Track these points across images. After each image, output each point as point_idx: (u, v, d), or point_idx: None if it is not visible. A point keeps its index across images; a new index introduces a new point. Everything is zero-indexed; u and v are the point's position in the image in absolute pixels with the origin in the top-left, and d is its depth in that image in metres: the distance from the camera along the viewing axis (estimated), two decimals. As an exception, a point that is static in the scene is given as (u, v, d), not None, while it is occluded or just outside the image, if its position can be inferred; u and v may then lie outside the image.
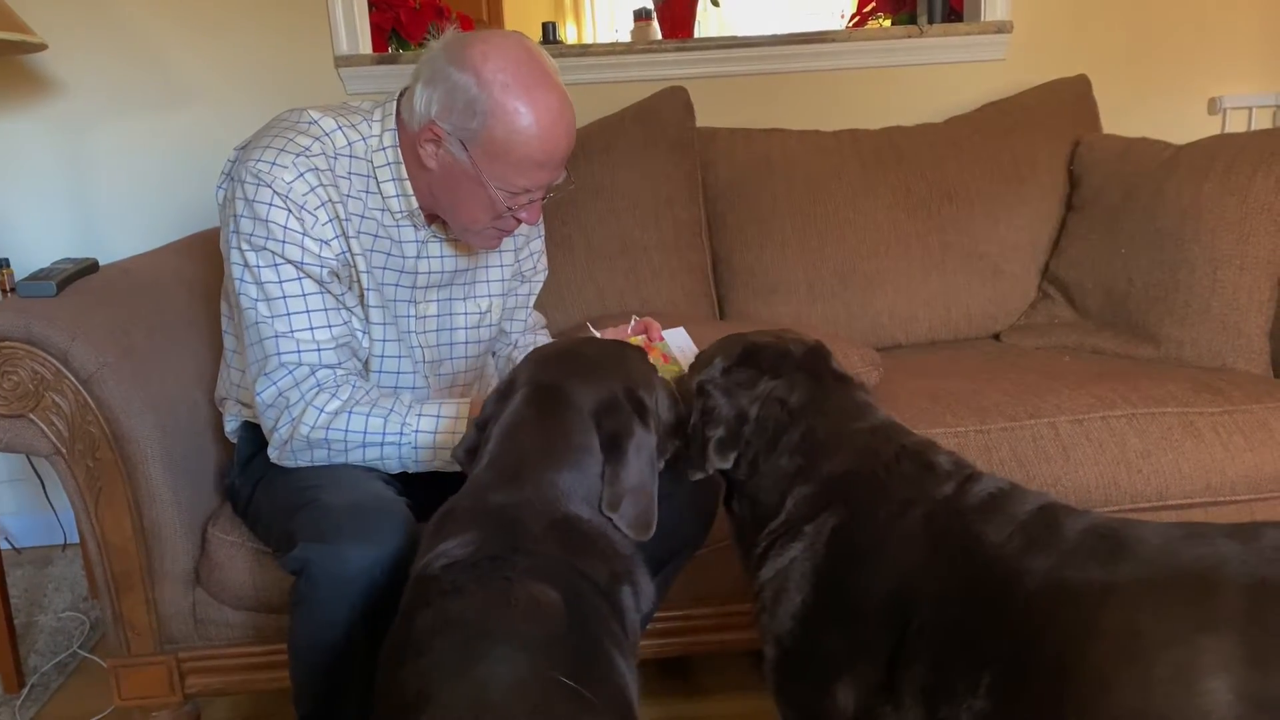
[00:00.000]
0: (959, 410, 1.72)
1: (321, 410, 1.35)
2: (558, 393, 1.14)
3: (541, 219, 1.69)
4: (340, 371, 1.39)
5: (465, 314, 1.57)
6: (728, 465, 1.24)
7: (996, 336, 2.29)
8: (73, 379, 1.46)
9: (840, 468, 1.17)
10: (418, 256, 1.48)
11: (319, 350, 1.37)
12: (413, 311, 1.51)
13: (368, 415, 1.36)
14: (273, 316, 1.36)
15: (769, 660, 1.17)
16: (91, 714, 1.85)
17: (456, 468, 1.38)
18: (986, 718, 0.97)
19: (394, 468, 1.40)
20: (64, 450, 1.49)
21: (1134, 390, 1.75)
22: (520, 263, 1.66)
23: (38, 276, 1.56)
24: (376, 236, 1.43)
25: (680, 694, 1.88)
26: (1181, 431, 1.69)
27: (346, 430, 1.36)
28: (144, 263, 1.85)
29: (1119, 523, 1.05)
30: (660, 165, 2.24)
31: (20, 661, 1.99)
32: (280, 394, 1.36)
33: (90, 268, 1.67)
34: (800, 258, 2.24)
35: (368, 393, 1.39)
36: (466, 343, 1.59)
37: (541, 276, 1.75)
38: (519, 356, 1.69)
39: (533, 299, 1.75)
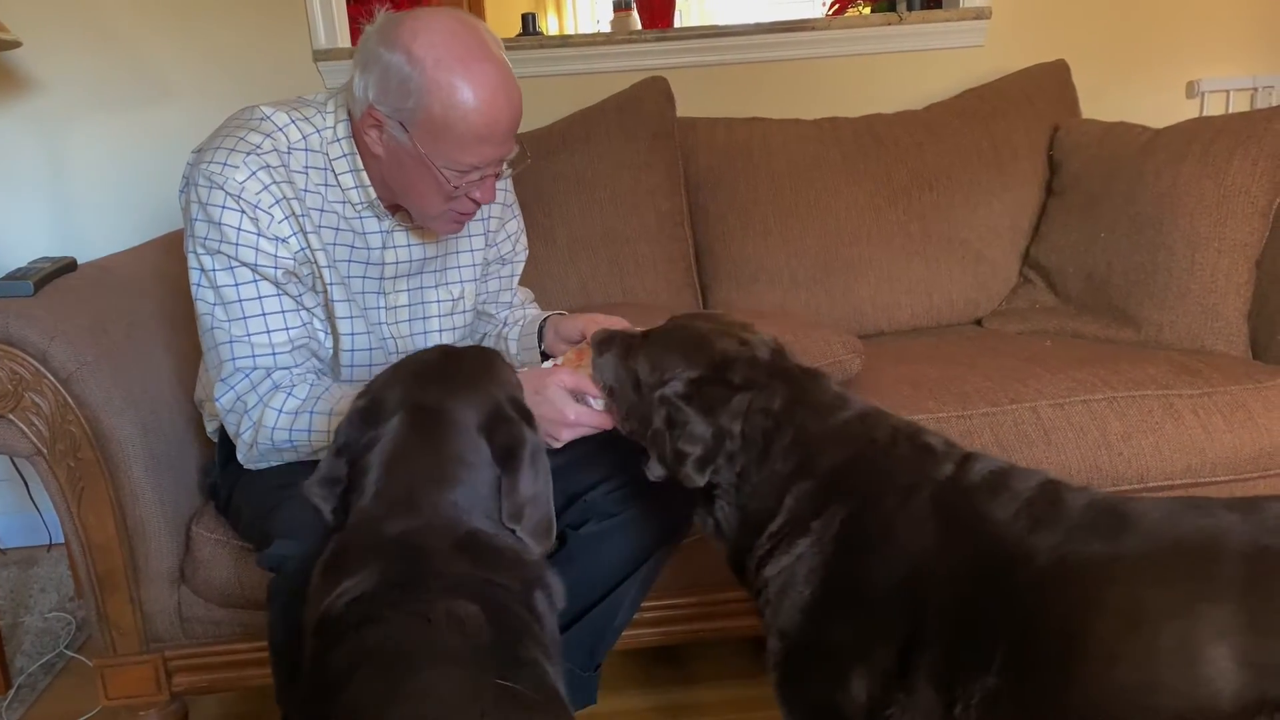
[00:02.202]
0: (941, 396, 1.73)
1: (280, 411, 1.34)
2: (440, 414, 1.09)
3: (516, 200, 1.68)
4: (296, 371, 1.37)
5: (438, 301, 1.56)
6: (704, 481, 1.20)
7: (978, 322, 2.30)
8: (52, 379, 1.45)
9: (840, 458, 1.16)
10: (383, 247, 1.46)
11: (274, 354, 1.36)
12: (383, 303, 1.49)
13: (329, 415, 1.34)
14: (229, 321, 1.35)
15: (774, 654, 1.16)
16: (78, 714, 1.84)
17: None
18: (999, 695, 0.98)
19: None
20: (45, 450, 1.48)
21: (1114, 374, 1.76)
22: (498, 245, 1.64)
23: (15, 276, 1.55)
24: (338, 230, 1.42)
25: (671, 682, 1.89)
26: (1162, 414, 1.70)
27: (310, 430, 1.34)
28: (123, 261, 1.84)
29: (1119, 499, 1.06)
30: (641, 155, 2.23)
31: (7, 663, 1.98)
32: (238, 398, 1.36)
33: (68, 266, 1.66)
34: (782, 246, 2.24)
35: (327, 389, 1.37)
36: (441, 330, 1.57)
37: (522, 256, 1.73)
38: (510, 333, 1.67)
39: (515, 280, 1.73)
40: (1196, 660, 0.91)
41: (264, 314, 1.35)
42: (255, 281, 1.34)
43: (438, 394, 1.10)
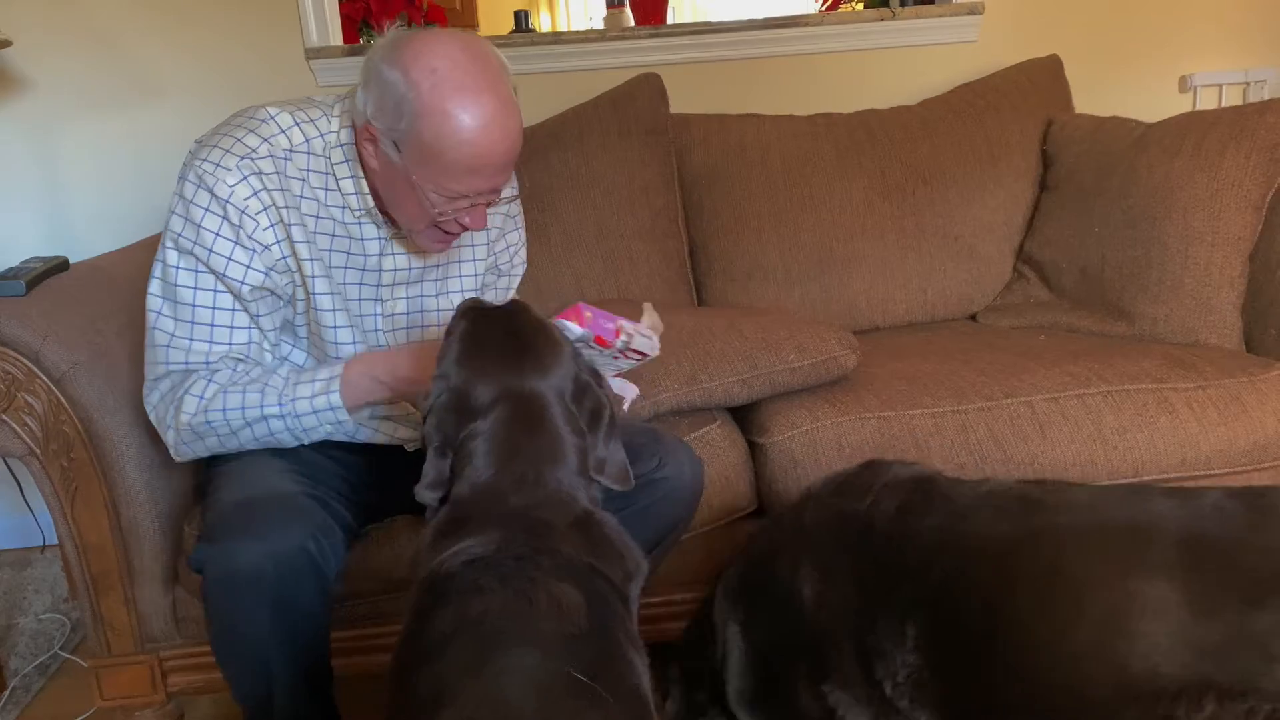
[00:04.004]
0: (936, 391, 1.73)
1: (200, 397, 1.34)
2: (539, 398, 1.13)
3: (521, 212, 1.67)
4: (221, 365, 1.38)
5: (438, 311, 1.54)
6: None
7: (973, 317, 2.30)
8: (45, 378, 1.45)
9: None
10: (381, 254, 1.45)
11: (207, 363, 1.37)
12: (379, 310, 1.48)
13: (244, 391, 1.34)
14: (175, 321, 1.35)
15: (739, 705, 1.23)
16: (74, 715, 1.83)
17: (342, 436, 1.40)
18: (919, 669, 1.02)
19: (289, 442, 1.39)
20: (38, 451, 1.47)
21: (1109, 368, 1.76)
22: (496, 255, 1.63)
23: (7, 275, 1.54)
24: (334, 236, 1.40)
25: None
26: (1156, 408, 1.70)
27: (225, 410, 1.34)
28: (115, 260, 1.83)
29: (1037, 485, 1.12)
30: (635, 152, 2.23)
31: (1, 664, 1.97)
32: (167, 391, 1.37)
33: (60, 266, 1.65)
34: (776, 243, 2.24)
35: (247, 372, 1.37)
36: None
37: (520, 270, 1.72)
38: None
39: (510, 293, 1.72)
40: (1127, 633, 0.92)
41: (212, 324, 1.35)
42: (215, 291, 1.34)
43: (531, 379, 1.14)
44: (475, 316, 1.21)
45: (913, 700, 1.03)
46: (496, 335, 1.19)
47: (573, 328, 1.32)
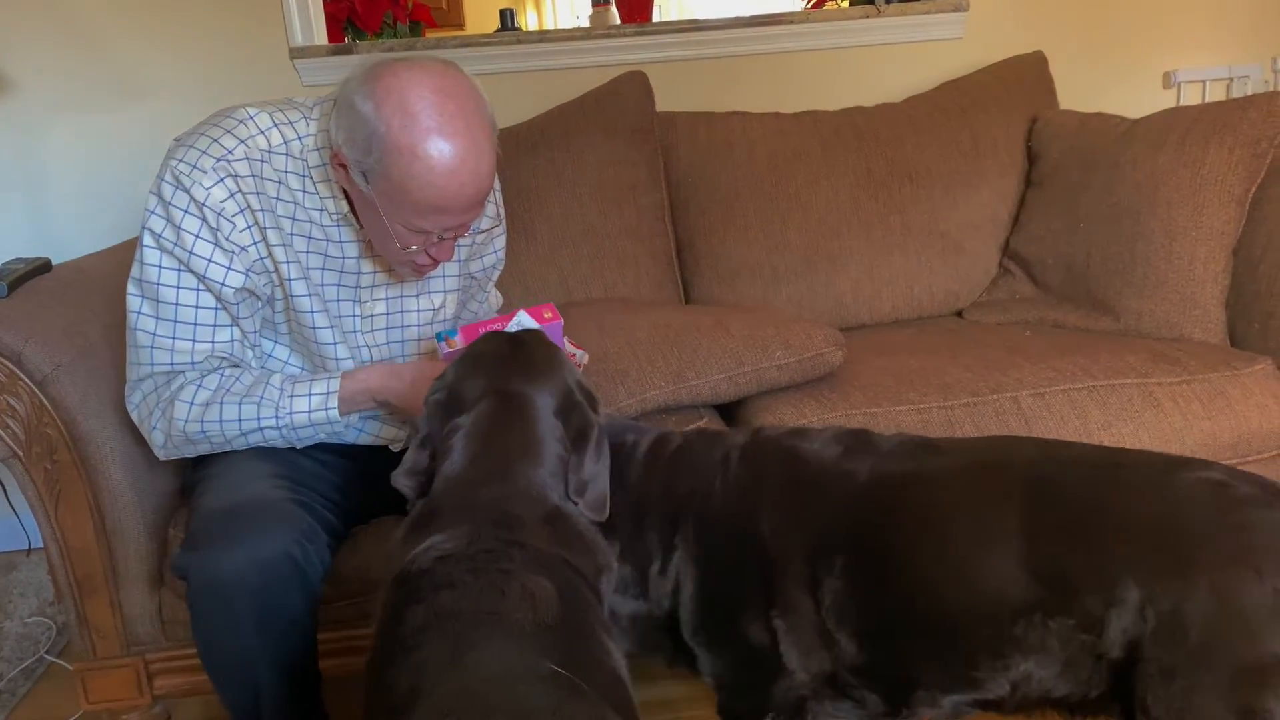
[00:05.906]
0: (923, 387, 1.74)
1: (190, 403, 1.35)
2: (524, 398, 1.16)
3: (504, 215, 1.67)
4: (207, 367, 1.38)
5: (418, 311, 1.54)
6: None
7: (959, 314, 2.30)
8: (27, 381, 1.44)
9: (663, 479, 1.28)
10: (360, 257, 1.44)
11: (192, 363, 1.37)
12: (357, 311, 1.47)
13: (239, 403, 1.35)
14: (157, 319, 1.35)
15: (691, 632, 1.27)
16: (60, 719, 1.83)
17: (338, 426, 1.40)
18: (841, 593, 1.13)
19: (281, 445, 1.41)
20: (21, 453, 1.46)
21: (1094, 363, 1.77)
22: (483, 258, 1.64)
23: (-12, 277, 1.53)
24: (311, 238, 1.40)
25: (668, 676, 1.88)
26: (1141, 402, 1.71)
27: (221, 421, 1.35)
28: (98, 261, 1.82)
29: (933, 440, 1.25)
30: (621, 151, 2.23)
31: (-14, 669, 1.96)
32: (151, 393, 1.38)
33: (43, 267, 1.64)
34: (763, 240, 2.24)
35: (238, 379, 1.38)
36: (419, 340, 1.55)
37: (496, 273, 1.73)
38: None
39: (484, 291, 1.73)
40: (980, 557, 1.06)
41: (195, 324, 1.35)
42: (197, 290, 1.34)
43: (520, 381, 1.17)
44: (488, 336, 1.26)
45: (837, 622, 1.13)
46: (499, 346, 1.23)
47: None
